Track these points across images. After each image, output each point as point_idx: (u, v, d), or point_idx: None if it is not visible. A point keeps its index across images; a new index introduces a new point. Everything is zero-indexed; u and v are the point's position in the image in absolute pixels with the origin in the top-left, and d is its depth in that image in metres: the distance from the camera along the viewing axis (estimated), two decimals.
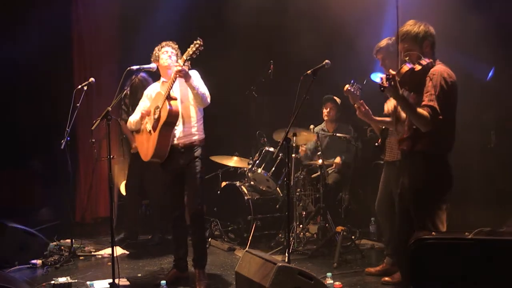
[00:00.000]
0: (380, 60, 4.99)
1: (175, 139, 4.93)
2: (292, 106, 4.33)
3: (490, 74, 6.23)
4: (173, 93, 4.87)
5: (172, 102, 4.81)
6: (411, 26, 3.82)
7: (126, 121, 6.53)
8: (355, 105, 4.55)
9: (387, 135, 4.93)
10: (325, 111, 7.10)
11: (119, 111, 6.78)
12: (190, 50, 4.64)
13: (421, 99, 3.68)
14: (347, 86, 4.49)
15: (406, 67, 3.69)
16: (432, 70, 3.72)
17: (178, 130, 4.93)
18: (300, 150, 7.01)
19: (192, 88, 4.79)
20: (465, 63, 5.67)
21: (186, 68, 4.71)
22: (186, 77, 4.72)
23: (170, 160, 4.97)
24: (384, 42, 4.94)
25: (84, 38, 8.36)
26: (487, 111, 6.38)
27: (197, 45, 4.62)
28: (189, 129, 4.95)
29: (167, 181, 5.12)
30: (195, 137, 4.97)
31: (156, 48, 5.10)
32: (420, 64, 3.72)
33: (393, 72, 3.60)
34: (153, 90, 5.14)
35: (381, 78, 3.57)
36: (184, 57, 4.68)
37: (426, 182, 3.70)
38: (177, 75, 4.72)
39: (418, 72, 3.71)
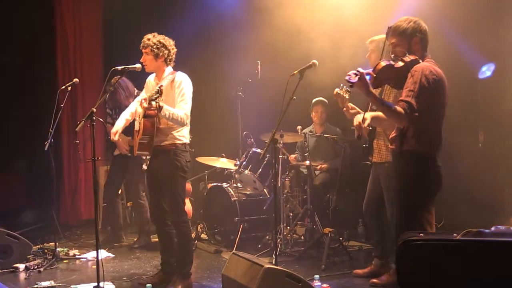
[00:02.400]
0: (369, 52, 5.02)
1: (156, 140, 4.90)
2: (279, 107, 4.33)
3: (486, 70, 6.22)
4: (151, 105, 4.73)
5: (146, 121, 4.74)
6: (401, 22, 3.84)
7: (112, 124, 6.51)
8: (344, 108, 4.57)
9: (375, 136, 4.96)
10: (314, 114, 7.10)
11: (104, 115, 6.73)
12: (152, 96, 4.52)
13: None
14: (336, 90, 4.51)
15: (382, 64, 3.71)
16: (415, 67, 3.71)
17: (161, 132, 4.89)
18: (290, 159, 7.01)
19: (165, 118, 4.74)
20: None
21: (154, 107, 4.59)
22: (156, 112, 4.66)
23: (150, 162, 4.98)
24: (379, 36, 4.93)
25: (68, 37, 8.30)
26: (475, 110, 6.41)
27: (157, 95, 4.49)
28: (172, 131, 4.90)
29: (147, 182, 5.12)
30: (177, 141, 4.92)
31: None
32: (403, 60, 3.73)
33: (362, 70, 3.60)
34: (149, 80, 5.12)
35: (349, 74, 3.56)
36: (148, 100, 4.60)
37: (414, 182, 3.72)
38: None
39: (400, 69, 3.72)
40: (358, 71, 3.56)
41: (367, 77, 3.62)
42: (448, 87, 3.80)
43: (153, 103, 4.52)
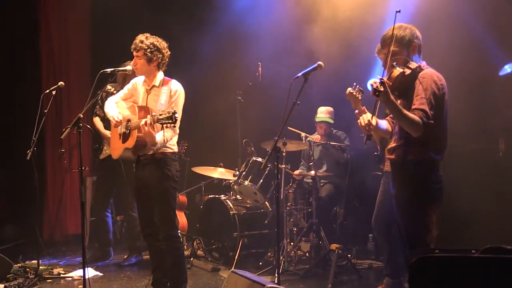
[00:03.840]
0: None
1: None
2: (282, 112, 4.33)
3: (508, 68, 6.20)
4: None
5: (141, 135, 4.71)
6: (397, 29, 3.94)
7: (101, 117, 6.50)
8: (356, 111, 4.56)
9: (387, 143, 4.95)
10: (318, 130, 7.12)
11: (94, 107, 6.67)
12: (161, 120, 4.45)
13: (409, 104, 3.77)
14: (349, 89, 4.51)
15: (397, 71, 3.80)
16: (421, 73, 3.84)
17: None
18: (295, 175, 7.02)
19: (150, 145, 4.72)
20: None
21: (152, 129, 4.59)
22: (147, 137, 4.64)
23: (137, 173, 4.96)
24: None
25: (52, 38, 8.31)
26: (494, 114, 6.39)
27: (169, 121, 4.42)
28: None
29: (135, 195, 5.09)
30: (167, 149, 4.91)
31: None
32: (409, 68, 3.83)
33: (383, 78, 3.67)
34: (138, 82, 5.07)
35: (373, 83, 3.63)
36: (154, 120, 4.53)
37: (422, 193, 3.80)
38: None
39: (407, 76, 3.82)
40: (382, 79, 3.63)
41: None
42: (461, 88, 3.87)
43: (155, 125, 4.53)
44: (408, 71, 3.82)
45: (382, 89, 3.59)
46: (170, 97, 4.81)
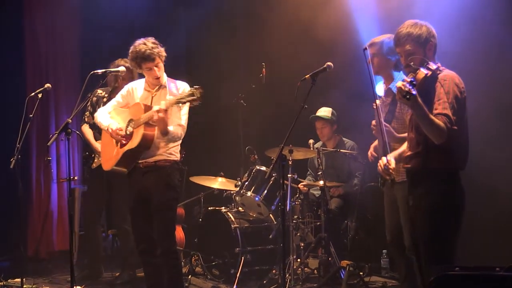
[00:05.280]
0: (370, 55, 5.01)
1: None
2: (288, 117, 4.32)
3: None
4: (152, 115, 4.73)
5: (148, 131, 4.76)
6: (412, 27, 3.95)
7: (90, 124, 6.48)
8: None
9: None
10: (318, 133, 7.15)
11: (83, 114, 6.67)
12: (183, 98, 4.51)
13: (428, 109, 3.74)
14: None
15: (422, 73, 3.77)
16: (442, 75, 3.84)
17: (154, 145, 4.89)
18: (301, 187, 7.02)
19: (162, 134, 4.75)
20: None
21: (166, 115, 4.63)
22: (161, 125, 4.66)
23: (133, 182, 4.95)
24: (380, 38, 4.96)
25: (38, 35, 8.33)
26: None
27: (193, 98, 4.49)
28: (161, 144, 4.90)
29: (130, 207, 5.09)
30: (171, 157, 4.91)
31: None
32: (429, 69, 3.83)
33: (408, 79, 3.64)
34: (135, 88, 5.09)
35: (403, 86, 3.56)
36: (171, 103, 4.59)
37: (440, 204, 3.79)
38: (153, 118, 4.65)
39: (428, 78, 3.80)
40: (413, 81, 3.59)
41: None
42: (480, 89, 3.87)
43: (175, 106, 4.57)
44: (429, 73, 3.80)
45: (414, 92, 3.54)
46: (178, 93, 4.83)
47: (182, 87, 4.90)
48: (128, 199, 5.10)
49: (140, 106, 4.85)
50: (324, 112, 7.16)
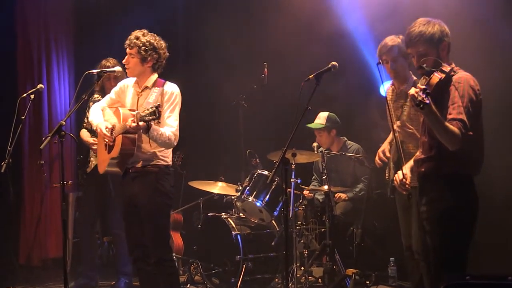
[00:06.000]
0: (390, 62, 4.97)
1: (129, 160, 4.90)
2: (291, 119, 4.33)
3: None
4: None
5: (127, 140, 4.75)
6: (424, 26, 3.90)
7: (89, 129, 6.48)
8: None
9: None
10: (317, 140, 7.15)
11: (80, 118, 6.67)
12: (144, 114, 4.49)
13: (443, 112, 3.73)
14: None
15: (436, 78, 3.74)
16: (456, 77, 3.80)
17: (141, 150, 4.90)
18: (305, 194, 7.02)
19: (152, 139, 4.75)
20: None
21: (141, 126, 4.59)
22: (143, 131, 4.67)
23: (125, 186, 4.96)
24: (392, 41, 4.92)
25: (30, 32, 8.32)
26: None
27: (153, 117, 4.46)
28: (148, 149, 4.88)
29: (122, 212, 5.10)
30: (160, 162, 4.91)
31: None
32: (443, 71, 3.79)
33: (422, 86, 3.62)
34: (127, 85, 5.10)
35: (416, 94, 3.54)
36: (137, 119, 4.55)
37: (452, 211, 3.78)
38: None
39: (441, 81, 3.77)
40: (426, 88, 3.53)
41: None
42: (490, 89, 3.86)
43: (141, 123, 4.53)
44: (443, 76, 3.76)
45: (427, 101, 3.49)
46: (162, 98, 4.81)
47: (169, 90, 4.87)
48: (122, 204, 5.12)
49: (119, 113, 4.85)
50: (318, 120, 7.13)
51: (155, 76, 4.96)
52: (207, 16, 8.12)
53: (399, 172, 4.25)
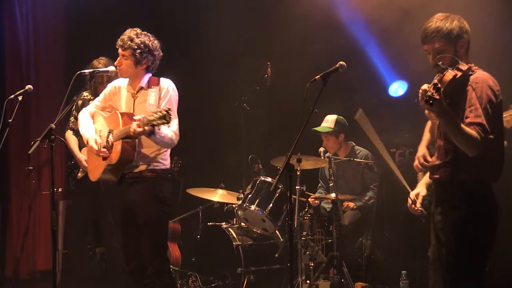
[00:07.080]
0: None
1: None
2: (296, 122, 4.33)
3: None
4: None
5: (127, 146, 4.75)
6: (442, 21, 3.88)
7: (75, 131, 6.46)
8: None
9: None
10: (323, 144, 7.15)
11: (68, 119, 6.67)
12: (155, 120, 4.47)
13: (459, 115, 3.72)
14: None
15: (450, 74, 3.72)
16: (473, 77, 3.78)
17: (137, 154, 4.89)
18: (311, 201, 7.01)
19: (154, 142, 4.76)
20: None
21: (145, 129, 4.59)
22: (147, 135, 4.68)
23: (121, 193, 4.97)
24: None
25: (18, 31, 8.34)
26: None
27: (164, 121, 4.45)
28: (148, 154, 4.89)
29: (118, 220, 5.10)
30: (158, 166, 4.92)
31: None
32: (459, 69, 3.76)
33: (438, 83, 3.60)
34: (119, 87, 5.09)
35: (426, 90, 3.52)
36: (144, 123, 4.55)
37: (469, 220, 3.75)
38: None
39: (457, 80, 3.74)
40: (437, 84, 3.49)
41: None
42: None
43: (146, 128, 4.53)
44: (459, 74, 3.74)
45: (438, 96, 3.45)
46: (160, 97, 4.83)
47: (164, 86, 4.89)
48: (117, 211, 5.11)
49: (118, 117, 4.85)
50: (326, 123, 7.13)
51: (148, 75, 4.97)
52: (210, 18, 8.15)
53: (412, 193, 4.23)
